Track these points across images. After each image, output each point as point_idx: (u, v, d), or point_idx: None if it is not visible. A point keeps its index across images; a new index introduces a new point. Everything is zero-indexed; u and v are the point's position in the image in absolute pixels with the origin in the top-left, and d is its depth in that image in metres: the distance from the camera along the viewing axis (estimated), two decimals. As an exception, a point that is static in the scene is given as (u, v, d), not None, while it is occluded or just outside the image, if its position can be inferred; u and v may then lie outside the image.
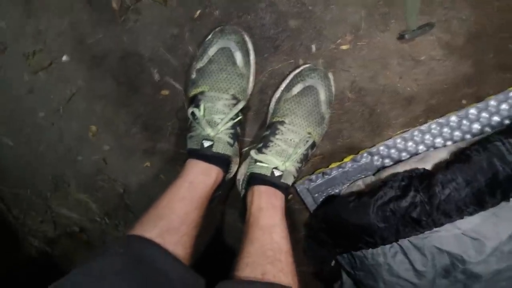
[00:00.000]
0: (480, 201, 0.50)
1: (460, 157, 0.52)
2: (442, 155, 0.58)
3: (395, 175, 0.58)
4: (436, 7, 0.56)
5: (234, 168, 0.68)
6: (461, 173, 0.50)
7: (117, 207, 0.80)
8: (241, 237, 0.53)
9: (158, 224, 0.45)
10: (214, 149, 0.56)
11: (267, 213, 0.55)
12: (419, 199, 0.53)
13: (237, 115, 0.58)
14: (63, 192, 0.80)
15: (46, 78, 0.67)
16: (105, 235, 0.84)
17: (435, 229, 0.54)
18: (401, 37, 0.58)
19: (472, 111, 0.63)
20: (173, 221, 0.47)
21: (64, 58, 0.65)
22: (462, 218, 0.52)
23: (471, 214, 0.52)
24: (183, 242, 0.45)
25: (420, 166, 0.60)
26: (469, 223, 0.53)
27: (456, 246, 0.54)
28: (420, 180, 0.54)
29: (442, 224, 0.53)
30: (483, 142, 0.51)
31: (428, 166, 0.59)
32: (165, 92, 0.67)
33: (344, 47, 0.60)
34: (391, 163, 0.68)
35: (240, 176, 0.68)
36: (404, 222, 0.54)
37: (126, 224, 0.81)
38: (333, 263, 0.74)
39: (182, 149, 0.71)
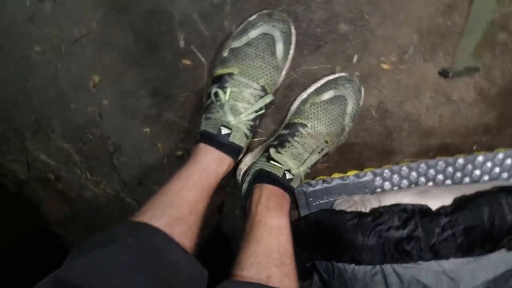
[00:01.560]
0: (470, 249, 0.53)
1: (466, 205, 0.54)
2: (442, 194, 0.60)
3: (398, 205, 0.60)
4: (486, 53, 0.55)
5: (246, 161, 0.65)
6: (463, 221, 0.52)
7: (102, 165, 0.75)
8: (244, 233, 0.52)
9: (167, 211, 0.43)
10: (231, 139, 0.53)
11: (276, 214, 0.54)
12: (416, 235, 0.55)
13: (261, 108, 0.55)
14: (44, 135, 0.73)
15: (53, 9, 0.58)
16: (82, 189, 0.79)
17: (420, 262, 0.57)
18: (444, 73, 0.57)
19: (480, 158, 0.65)
20: (183, 210, 0.44)
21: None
22: (447, 259, 0.56)
23: (456, 257, 0.55)
24: (191, 233, 0.44)
25: (421, 199, 0.62)
26: (451, 263, 0.57)
27: (433, 282, 0.58)
28: (421, 216, 0.56)
29: (427, 260, 0.56)
30: (489, 197, 0.53)
31: (429, 202, 0.61)
32: (187, 61, 0.61)
33: (385, 66, 0.58)
34: (390, 186, 0.70)
35: (244, 167, 0.66)
36: (394, 251, 0.57)
37: (107, 185, 0.77)
38: (308, 264, 0.76)
39: (189, 125, 0.67)
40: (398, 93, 0.61)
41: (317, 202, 0.73)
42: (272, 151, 0.56)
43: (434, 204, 0.60)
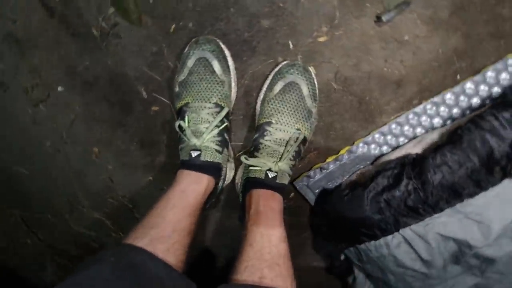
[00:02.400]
0: (477, 181, 0.47)
1: (451, 138, 0.49)
2: (434, 136, 0.55)
3: (387, 163, 0.56)
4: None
5: (230, 173, 0.69)
6: (452, 155, 0.47)
7: (129, 221, 0.84)
8: (240, 240, 0.54)
9: (149, 232, 0.47)
10: (202, 158, 0.57)
11: (265, 216, 0.55)
12: (412, 187, 0.51)
13: (222, 122, 0.59)
14: (78, 212, 0.85)
15: (47, 109, 0.72)
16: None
17: (435, 215, 0.52)
18: (378, 20, 0.56)
19: (469, 85, 0.59)
20: (164, 229, 0.48)
21: (60, 88, 0.69)
22: (462, 201, 0.50)
23: (471, 196, 0.49)
24: (174, 250, 0.47)
25: (416, 150, 0.57)
26: (471, 205, 0.50)
27: (461, 231, 0.52)
28: (412, 166, 0.52)
29: (441, 210, 0.51)
30: (475, 119, 0.48)
31: (422, 150, 0.56)
32: (155, 107, 0.69)
33: (321, 39, 0.59)
34: (389, 150, 0.66)
35: (238, 180, 0.69)
36: (401, 212, 0.53)
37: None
38: (342, 257, 0.72)
39: (178, 160, 0.73)
40: (348, 57, 0.60)
41: (321, 191, 0.71)
42: (243, 158, 0.58)
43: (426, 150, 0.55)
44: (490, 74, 0.58)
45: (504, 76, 0.58)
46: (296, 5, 0.57)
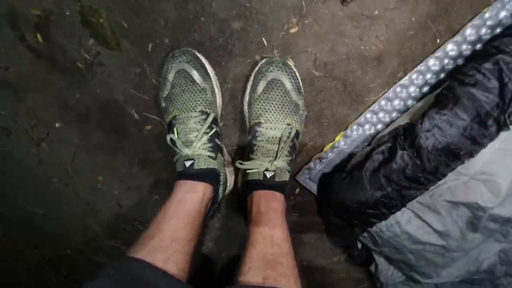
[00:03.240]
0: (472, 138, 0.45)
1: (437, 100, 0.48)
2: (421, 104, 0.54)
3: (380, 139, 0.55)
4: (369, -42, 0.54)
5: (230, 178, 0.69)
6: (440, 116, 0.46)
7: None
8: (243, 242, 0.54)
9: (148, 243, 0.47)
10: (196, 166, 0.57)
11: (267, 216, 0.55)
12: (407, 156, 0.49)
13: (210, 128, 0.60)
14: (95, 243, 0.87)
15: (49, 147, 0.75)
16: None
17: (439, 182, 0.50)
18: (344, 0, 0.56)
19: (451, 47, 0.58)
20: (162, 239, 0.48)
21: (57, 124, 0.72)
22: (462, 162, 0.48)
23: (470, 155, 0.47)
24: (175, 259, 0.47)
25: (406, 121, 0.56)
26: (473, 166, 0.48)
27: (469, 194, 0.49)
28: (404, 136, 0.51)
29: (443, 175, 0.49)
30: (457, 76, 0.47)
31: (411, 119, 0.55)
32: (148, 127, 0.71)
33: (293, 30, 0.60)
34: (384, 127, 0.65)
35: (240, 184, 0.69)
36: (402, 184, 0.51)
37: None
38: (359, 245, 0.70)
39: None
40: (323, 43, 0.60)
41: (320, 180, 0.70)
42: (237, 164, 0.59)
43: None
44: (469, 31, 0.57)
45: (484, 31, 0.56)
46: (262, 2, 0.58)
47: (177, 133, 0.59)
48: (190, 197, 0.55)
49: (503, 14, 0.54)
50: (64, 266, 0.93)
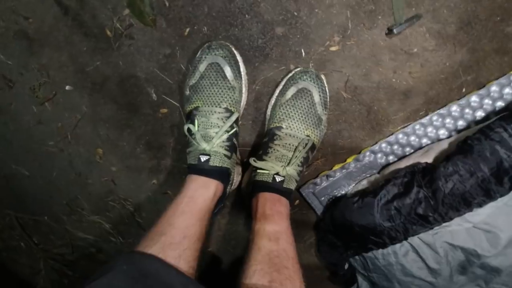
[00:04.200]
0: (487, 191, 0.48)
1: (461, 147, 0.50)
2: (444, 147, 0.56)
3: (397, 171, 0.57)
4: (422, -1, 0.55)
5: (237, 178, 0.68)
6: (463, 164, 0.48)
7: (129, 225, 0.82)
8: (248, 244, 0.54)
9: (159, 239, 0.46)
10: (211, 163, 0.56)
11: (272, 219, 0.55)
12: (423, 195, 0.51)
13: (231, 127, 0.59)
14: (78, 215, 0.83)
15: (53, 108, 0.71)
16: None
17: (444, 224, 0.52)
18: (389, 32, 0.57)
19: (474, 98, 0.61)
20: (174, 236, 0.47)
21: (68, 87, 0.68)
22: (471, 210, 0.50)
23: (480, 205, 0.50)
24: (185, 256, 0.46)
25: (424, 160, 0.58)
26: (479, 215, 0.51)
27: (469, 240, 0.52)
28: (422, 175, 0.53)
29: (450, 218, 0.51)
30: (484, 130, 0.49)
31: (431, 160, 0.57)
32: (164, 110, 0.69)
33: (333, 48, 0.60)
34: (395, 159, 0.67)
35: (244, 185, 0.68)
36: (410, 220, 0.53)
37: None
38: (346, 266, 0.72)
39: (185, 163, 0.72)
40: (358, 67, 0.61)
41: (330, 199, 0.71)
42: (252, 160, 0.58)
43: (438, 160, 0.56)
44: (494, 88, 0.60)
45: (507, 91, 0.60)
46: (310, 14, 0.58)
47: (197, 125, 0.57)
48: (202, 194, 0.55)
49: (528, 79, 0.57)
50: (38, 233, 0.88)
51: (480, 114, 0.62)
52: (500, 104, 0.61)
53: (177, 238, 0.47)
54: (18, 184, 0.81)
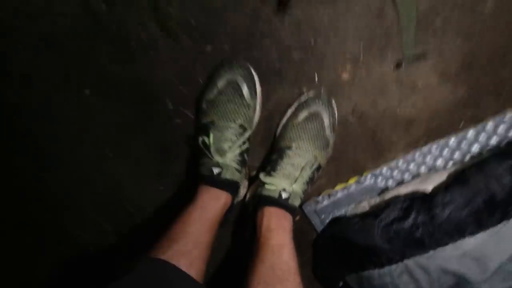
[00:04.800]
0: (479, 221, 0.52)
1: (458, 179, 0.55)
2: (442, 177, 0.61)
3: (397, 197, 0.61)
4: (430, 37, 0.60)
5: (243, 191, 0.71)
6: (460, 195, 0.52)
7: (128, 227, 0.84)
8: (251, 256, 0.56)
9: (172, 246, 0.49)
10: (223, 176, 0.59)
11: (277, 233, 0.58)
12: (421, 220, 0.55)
13: (244, 143, 0.62)
14: (77, 211, 0.84)
15: (69, 109, 0.73)
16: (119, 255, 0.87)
17: (439, 249, 0.56)
18: (398, 66, 0.62)
19: (471, 132, 0.66)
20: (186, 244, 0.50)
21: (87, 91, 0.70)
22: (464, 238, 0.54)
23: (472, 234, 0.54)
24: (196, 265, 0.48)
25: (422, 187, 0.62)
26: (471, 243, 0.55)
27: (460, 266, 0.56)
28: (421, 201, 0.57)
29: (445, 244, 0.55)
30: (480, 164, 0.54)
31: (429, 188, 0.61)
32: (178, 120, 0.71)
33: (344, 75, 0.64)
34: (394, 184, 0.71)
35: (249, 199, 0.71)
36: (408, 243, 0.57)
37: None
38: (341, 283, 0.75)
39: (193, 172, 0.75)
40: (366, 95, 0.66)
41: (330, 218, 0.74)
42: (262, 175, 0.61)
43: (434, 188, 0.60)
44: (490, 124, 0.65)
45: (501, 127, 0.65)
46: (326, 43, 0.62)
47: (212, 138, 0.60)
48: (213, 205, 0.57)
49: (521, 119, 0.62)
50: (31, 225, 0.88)
51: (475, 147, 0.67)
52: (494, 139, 0.65)
53: (189, 246, 0.50)
54: (19, 173, 0.82)
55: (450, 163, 0.68)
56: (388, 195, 0.66)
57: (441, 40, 0.60)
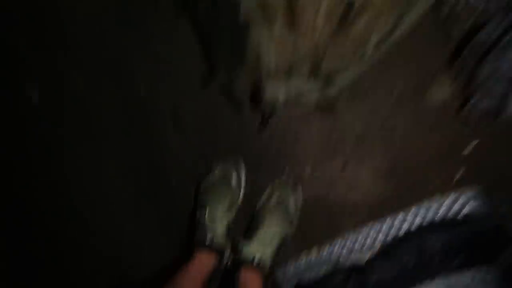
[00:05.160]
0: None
1: (386, 251, 0.76)
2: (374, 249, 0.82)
3: (339, 269, 0.82)
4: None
5: (227, 255, 0.92)
6: (387, 267, 0.74)
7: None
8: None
9: None
10: (215, 240, 0.81)
11: (251, 286, 0.78)
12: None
13: (230, 218, 0.85)
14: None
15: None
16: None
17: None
18: (343, 169, 0.88)
19: (399, 218, 0.89)
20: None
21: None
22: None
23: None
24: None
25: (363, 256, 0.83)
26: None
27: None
28: (356, 271, 0.77)
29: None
30: (386, 248, 0.76)
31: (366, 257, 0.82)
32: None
33: (306, 174, 0.90)
34: (348, 254, 0.91)
35: (231, 261, 0.91)
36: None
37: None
38: None
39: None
40: (322, 188, 0.90)
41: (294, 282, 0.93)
42: (240, 244, 0.83)
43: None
44: (413, 209, 0.88)
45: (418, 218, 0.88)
46: (293, 149, 0.89)
47: (207, 215, 0.83)
48: (207, 265, 0.79)
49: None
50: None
51: (406, 226, 0.89)
52: (418, 220, 0.88)
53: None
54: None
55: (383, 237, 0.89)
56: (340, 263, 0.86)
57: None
